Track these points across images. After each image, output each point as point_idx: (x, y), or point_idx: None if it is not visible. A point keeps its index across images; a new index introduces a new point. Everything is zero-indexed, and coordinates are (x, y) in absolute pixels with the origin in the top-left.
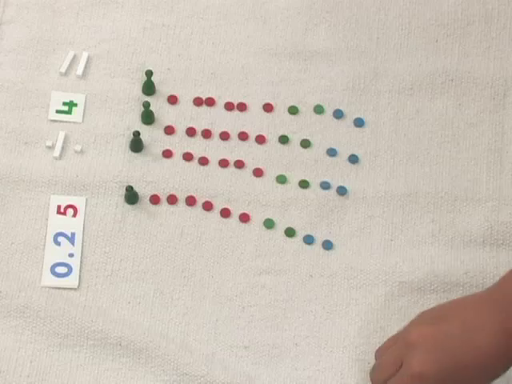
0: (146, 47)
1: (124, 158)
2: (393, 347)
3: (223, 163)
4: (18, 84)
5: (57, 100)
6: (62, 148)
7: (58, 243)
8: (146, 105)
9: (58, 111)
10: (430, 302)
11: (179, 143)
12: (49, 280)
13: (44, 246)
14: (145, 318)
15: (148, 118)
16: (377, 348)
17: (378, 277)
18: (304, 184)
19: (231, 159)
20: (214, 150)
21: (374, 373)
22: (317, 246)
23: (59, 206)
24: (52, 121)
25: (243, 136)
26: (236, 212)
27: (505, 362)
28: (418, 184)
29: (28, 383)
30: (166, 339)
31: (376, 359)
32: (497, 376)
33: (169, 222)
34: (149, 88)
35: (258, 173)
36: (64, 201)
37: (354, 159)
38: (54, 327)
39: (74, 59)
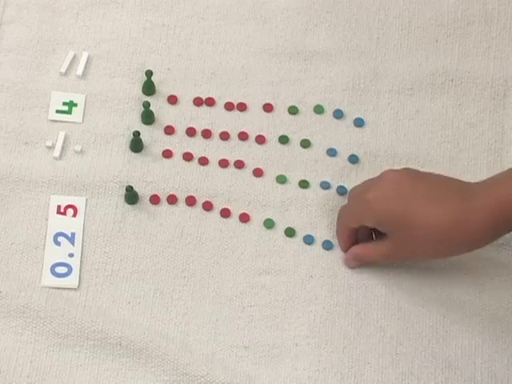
0: (146, 47)
1: (124, 158)
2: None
3: (223, 163)
4: (17, 84)
5: (57, 100)
6: (62, 148)
7: (57, 243)
8: (146, 105)
9: (57, 111)
10: (430, 301)
11: (179, 143)
12: (49, 280)
13: (44, 246)
14: (145, 318)
15: (148, 117)
16: (378, 348)
17: (377, 277)
18: (304, 184)
19: (231, 159)
20: (214, 149)
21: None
22: (317, 246)
23: (59, 206)
24: (52, 121)
25: (243, 136)
26: (236, 212)
27: (458, 237)
28: None
29: (28, 383)
30: (166, 339)
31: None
32: (450, 251)
33: (169, 222)
34: (149, 88)
35: (257, 173)
36: (64, 201)
37: (354, 159)
38: (54, 327)
39: (74, 59)
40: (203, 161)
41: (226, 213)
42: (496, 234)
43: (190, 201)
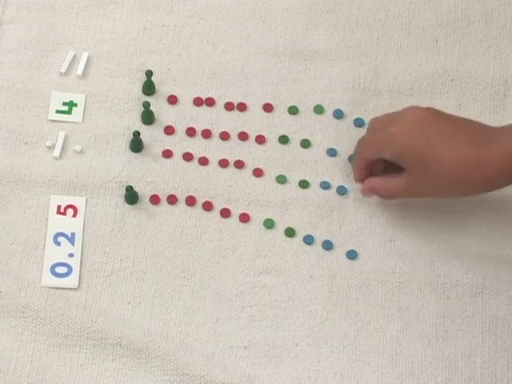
0: (146, 47)
1: (124, 158)
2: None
3: (223, 163)
4: (17, 84)
5: (57, 100)
6: (62, 148)
7: (57, 243)
8: (146, 105)
9: (57, 111)
10: (430, 301)
11: (179, 143)
12: (49, 280)
13: (44, 245)
14: (145, 318)
15: (148, 117)
16: (378, 348)
17: (377, 277)
18: (304, 184)
19: (231, 159)
20: (214, 150)
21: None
22: (317, 246)
23: (59, 206)
24: (52, 121)
25: (243, 136)
26: (236, 212)
27: (476, 177)
28: None
29: (28, 383)
30: (166, 339)
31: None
32: (466, 190)
33: (169, 222)
34: (149, 88)
35: (258, 173)
36: (64, 201)
37: (354, 159)
38: (54, 327)
39: (74, 59)
40: (203, 161)
41: (225, 213)
42: None
43: (190, 201)
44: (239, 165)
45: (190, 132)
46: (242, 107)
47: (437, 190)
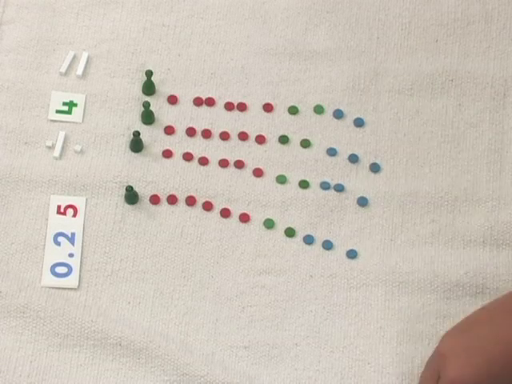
0: (146, 47)
1: (124, 158)
2: (428, 363)
3: (223, 163)
4: (17, 84)
5: (57, 100)
6: (62, 148)
7: (57, 243)
8: (146, 105)
9: (57, 111)
10: (430, 301)
11: (179, 143)
12: (49, 280)
13: (44, 246)
14: (145, 318)
15: (148, 117)
16: (378, 348)
17: (378, 277)
18: (304, 184)
19: (231, 159)
20: (214, 149)
21: None
22: (317, 246)
23: (59, 206)
24: (52, 121)
25: (243, 136)
26: (236, 212)
27: None
28: (417, 184)
29: (28, 383)
30: (166, 339)
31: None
32: None
33: (169, 222)
34: (149, 88)
35: (257, 173)
36: (64, 201)
37: (353, 159)
38: (54, 327)
39: (74, 59)
40: (203, 161)
41: (225, 213)
42: None
43: (190, 201)
44: (239, 165)
45: (190, 132)
46: (242, 107)
47: None
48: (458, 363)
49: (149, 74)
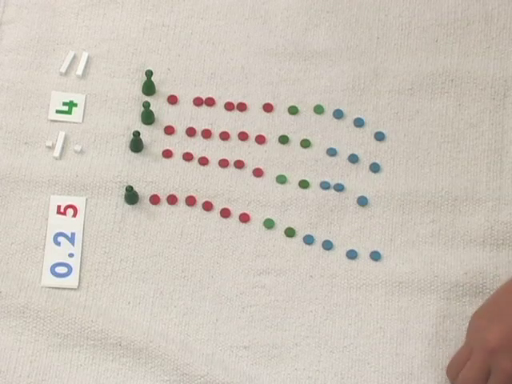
0: (146, 47)
1: (124, 158)
2: (472, 360)
3: (223, 163)
4: (17, 84)
5: (57, 100)
6: (62, 148)
7: (57, 243)
8: (146, 105)
9: (57, 111)
10: (430, 301)
11: (179, 143)
12: (49, 280)
13: (44, 246)
14: (145, 318)
15: (148, 117)
16: (378, 348)
17: (377, 277)
18: (304, 184)
19: (231, 159)
20: (214, 150)
21: None
22: (317, 246)
23: (59, 206)
24: (52, 121)
25: (243, 136)
26: (236, 212)
27: None
28: (417, 184)
29: (28, 383)
30: (165, 339)
31: (451, 378)
32: None
33: (169, 222)
34: (149, 88)
35: (258, 173)
36: (64, 201)
37: (354, 159)
38: (54, 327)
39: (74, 59)
40: (203, 161)
41: (225, 213)
42: None
43: (190, 201)
44: (239, 165)
45: (190, 132)
46: (242, 107)
47: None
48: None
49: (149, 74)
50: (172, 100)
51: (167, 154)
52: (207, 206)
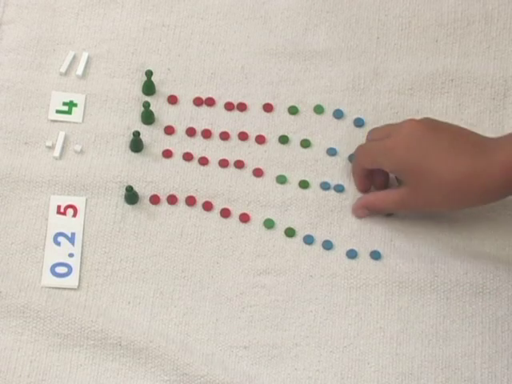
0: (146, 47)
1: (124, 158)
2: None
3: (223, 163)
4: (17, 84)
5: (57, 100)
6: (62, 148)
7: (57, 243)
8: (146, 105)
9: (57, 111)
10: (430, 301)
11: (179, 143)
12: (49, 280)
13: (44, 246)
14: (145, 318)
15: (148, 117)
16: (378, 348)
17: (377, 276)
18: (304, 184)
19: (231, 159)
20: (214, 149)
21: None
22: (317, 246)
23: (59, 206)
24: (52, 121)
25: (243, 136)
26: (236, 212)
27: (473, 188)
28: None
29: (28, 383)
30: (166, 339)
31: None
32: (464, 202)
33: (169, 222)
34: (149, 88)
35: (258, 173)
36: (64, 201)
37: (353, 159)
38: (54, 327)
39: (74, 59)
40: (203, 161)
41: (225, 213)
42: (510, 189)
43: (190, 201)
44: (239, 165)
45: (190, 132)
46: (242, 107)
47: (434, 202)
48: (404, 139)
49: (149, 74)
50: (172, 100)
51: (167, 154)
52: (207, 206)
